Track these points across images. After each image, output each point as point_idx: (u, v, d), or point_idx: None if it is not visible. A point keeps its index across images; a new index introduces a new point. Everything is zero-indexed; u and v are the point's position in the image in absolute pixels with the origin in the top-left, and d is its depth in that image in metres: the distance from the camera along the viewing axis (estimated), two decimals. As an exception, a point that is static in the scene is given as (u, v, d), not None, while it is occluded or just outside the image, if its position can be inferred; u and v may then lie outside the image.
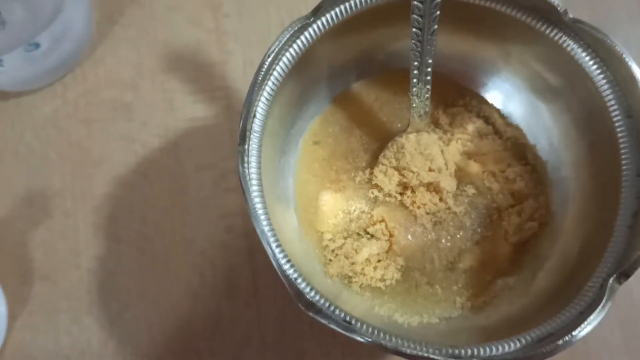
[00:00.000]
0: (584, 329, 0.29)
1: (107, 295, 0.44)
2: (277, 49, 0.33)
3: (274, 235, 0.32)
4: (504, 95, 0.41)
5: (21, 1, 0.41)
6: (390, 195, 0.39)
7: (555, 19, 0.34)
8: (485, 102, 0.41)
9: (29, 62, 0.44)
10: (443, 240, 0.39)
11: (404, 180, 0.39)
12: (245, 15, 0.49)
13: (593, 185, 0.36)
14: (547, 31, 0.34)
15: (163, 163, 0.46)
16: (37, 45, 0.43)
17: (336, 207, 0.39)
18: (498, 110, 0.41)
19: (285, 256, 0.31)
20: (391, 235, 0.39)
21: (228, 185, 0.46)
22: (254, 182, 0.32)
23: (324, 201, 0.40)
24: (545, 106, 0.39)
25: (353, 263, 0.38)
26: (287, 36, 0.33)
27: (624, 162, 0.33)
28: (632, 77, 0.32)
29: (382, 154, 0.39)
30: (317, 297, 0.31)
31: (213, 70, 0.48)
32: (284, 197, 0.39)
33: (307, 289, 0.31)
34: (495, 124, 0.41)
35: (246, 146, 0.32)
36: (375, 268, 0.38)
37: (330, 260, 0.38)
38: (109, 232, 0.45)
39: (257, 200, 0.32)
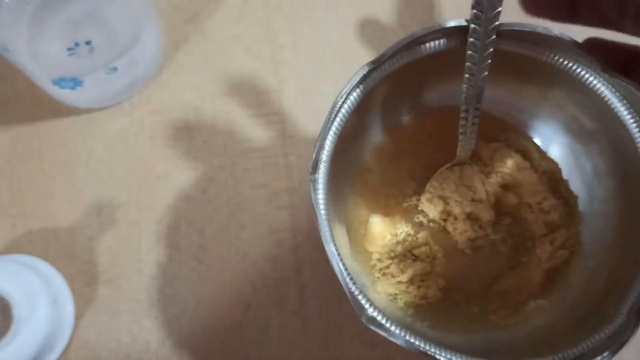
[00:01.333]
0: (615, 351, 0.33)
1: (166, 299, 0.48)
2: (348, 91, 0.37)
3: (339, 254, 0.36)
4: (543, 134, 0.45)
5: (106, 30, 0.45)
6: (434, 221, 0.43)
7: (593, 69, 0.38)
8: (524, 136, 0.45)
9: (105, 83, 0.49)
10: (481, 264, 0.43)
11: (448, 208, 0.43)
12: (299, 47, 0.54)
13: (621, 221, 0.40)
14: (587, 82, 0.38)
15: (221, 180, 0.51)
16: (115, 69, 0.47)
17: (384, 229, 0.43)
18: (535, 144, 0.45)
19: (348, 274, 0.35)
20: (434, 258, 0.43)
21: (279, 204, 0.50)
22: (322, 206, 0.36)
23: (374, 224, 0.43)
24: (580, 147, 0.43)
25: (399, 282, 0.42)
26: (357, 79, 0.37)
27: None
28: None
29: (428, 183, 0.43)
30: (376, 313, 0.35)
31: (269, 97, 0.52)
32: (338, 218, 0.43)
33: (367, 305, 0.35)
34: (532, 159, 0.45)
35: (317, 175, 0.36)
36: (418, 287, 0.42)
37: (378, 278, 0.42)
38: (169, 242, 0.49)
39: (325, 223, 0.36)
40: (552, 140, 0.44)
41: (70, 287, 0.48)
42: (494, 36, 0.37)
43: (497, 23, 0.37)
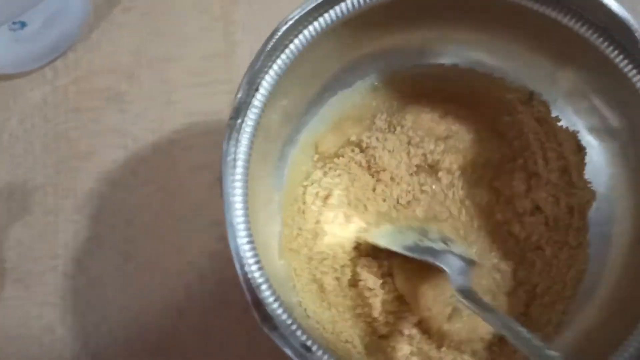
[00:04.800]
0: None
1: (84, 303, 0.40)
2: (297, 17, 0.28)
3: (248, 229, 0.27)
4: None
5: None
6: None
7: (629, 46, 0.28)
8: None
9: (16, 43, 0.41)
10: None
11: None
12: (255, 3, 0.45)
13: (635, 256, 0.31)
14: (617, 59, 0.28)
15: (156, 161, 0.42)
16: (22, 24, 0.40)
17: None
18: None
19: (254, 254, 0.27)
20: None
21: (225, 190, 0.41)
22: (240, 162, 0.28)
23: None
24: (598, 144, 0.33)
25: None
26: (313, 5, 0.29)
27: None
28: None
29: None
30: (280, 311, 0.26)
31: (217, 61, 0.44)
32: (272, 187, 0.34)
33: (271, 299, 0.26)
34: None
35: (239, 121, 0.28)
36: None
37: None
38: (91, 234, 0.41)
39: (238, 185, 0.27)
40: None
41: (-30, 286, 0.40)
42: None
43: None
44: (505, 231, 0.35)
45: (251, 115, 0.28)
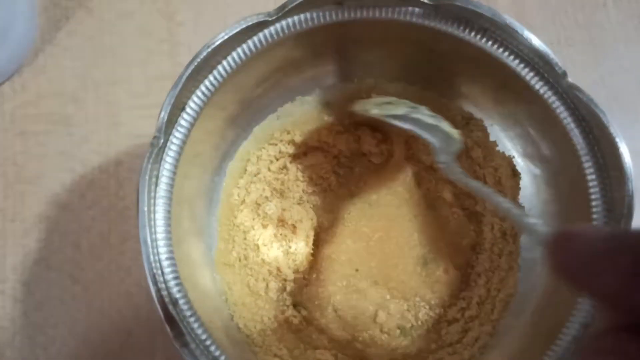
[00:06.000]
0: None
1: (33, 326, 0.41)
2: (220, 42, 0.29)
3: (169, 245, 0.28)
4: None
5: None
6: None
7: (553, 80, 0.30)
8: None
9: (-43, 69, 0.41)
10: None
11: None
12: (201, 24, 0.46)
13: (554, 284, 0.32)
14: (541, 91, 0.30)
15: (103, 183, 0.43)
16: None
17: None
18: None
19: (173, 270, 0.28)
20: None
21: (172, 210, 0.42)
22: (164, 180, 0.29)
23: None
24: (531, 171, 0.35)
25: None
26: (237, 29, 0.29)
27: None
28: (620, 168, 0.28)
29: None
30: (196, 326, 0.27)
31: (163, 83, 0.44)
32: (208, 223, 0.35)
33: (188, 314, 0.27)
34: None
35: (162, 140, 0.28)
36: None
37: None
38: (39, 257, 0.42)
39: (160, 202, 0.28)
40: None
41: None
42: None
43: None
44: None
45: (177, 134, 0.29)
